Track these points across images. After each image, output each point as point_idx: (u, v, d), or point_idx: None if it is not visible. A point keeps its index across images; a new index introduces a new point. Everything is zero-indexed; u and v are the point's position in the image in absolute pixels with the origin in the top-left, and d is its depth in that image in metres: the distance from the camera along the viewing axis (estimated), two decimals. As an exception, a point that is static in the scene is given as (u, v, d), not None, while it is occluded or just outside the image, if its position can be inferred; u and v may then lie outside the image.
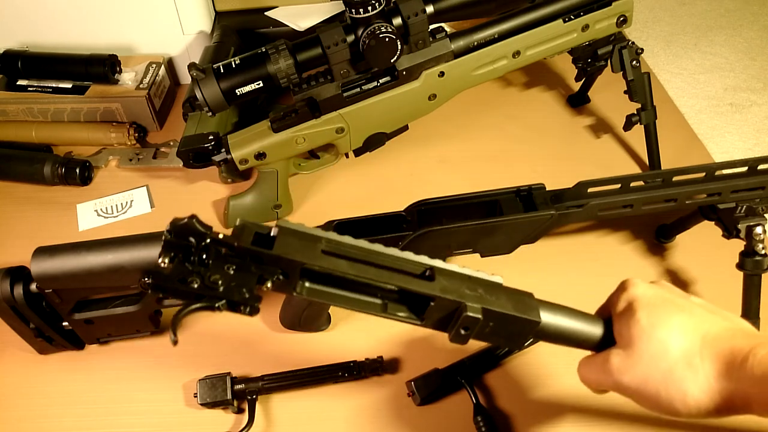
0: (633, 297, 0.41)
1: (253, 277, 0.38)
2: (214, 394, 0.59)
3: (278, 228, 0.38)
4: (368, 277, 0.38)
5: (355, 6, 0.63)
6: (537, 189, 0.61)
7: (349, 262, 0.38)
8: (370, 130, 0.74)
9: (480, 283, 0.41)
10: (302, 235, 0.38)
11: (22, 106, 0.90)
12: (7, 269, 0.58)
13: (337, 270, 0.38)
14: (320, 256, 0.38)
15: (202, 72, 0.65)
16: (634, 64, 0.76)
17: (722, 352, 0.36)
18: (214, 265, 0.37)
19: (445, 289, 0.39)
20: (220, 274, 0.37)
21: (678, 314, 0.39)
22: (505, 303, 0.41)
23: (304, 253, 0.37)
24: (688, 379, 0.37)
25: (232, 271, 0.38)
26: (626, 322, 0.40)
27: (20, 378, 0.64)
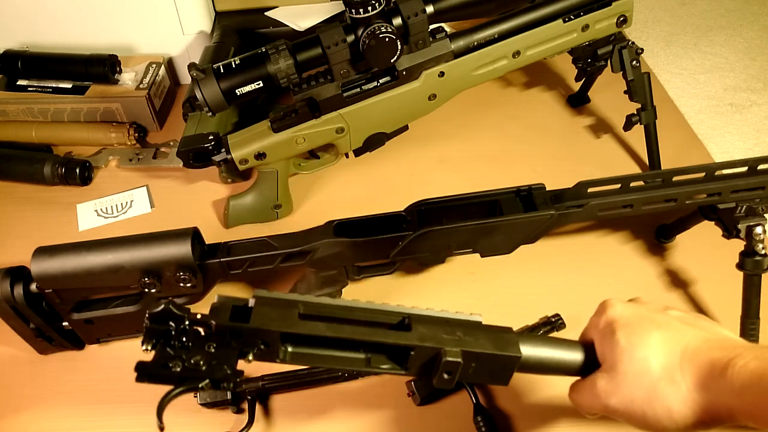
0: (611, 318, 0.42)
1: (234, 351, 0.38)
2: (214, 394, 0.59)
3: (255, 299, 0.39)
4: (346, 335, 0.39)
5: (355, 6, 0.63)
6: (537, 189, 0.61)
7: (327, 324, 0.39)
8: (370, 130, 0.74)
9: (458, 324, 0.42)
10: (279, 303, 0.39)
11: (22, 106, 0.90)
12: (7, 269, 0.58)
13: (315, 332, 0.38)
14: (297, 322, 0.38)
15: (202, 72, 0.65)
16: (634, 64, 0.76)
17: (702, 365, 0.37)
18: (195, 346, 0.38)
19: (423, 337, 0.40)
20: (201, 355, 0.38)
21: (656, 331, 0.39)
22: (484, 342, 0.41)
23: (282, 321, 0.38)
24: (671, 395, 0.37)
25: (213, 349, 0.38)
26: (608, 344, 0.41)
27: (20, 378, 0.64)
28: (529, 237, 0.60)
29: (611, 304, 0.43)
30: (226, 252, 0.60)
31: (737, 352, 0.36)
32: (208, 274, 0.60)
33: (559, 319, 0.65)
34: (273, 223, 0.79)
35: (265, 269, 0.60)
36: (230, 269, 0.60)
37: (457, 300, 0.69)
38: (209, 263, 0.59)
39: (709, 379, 0.36)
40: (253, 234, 0.63)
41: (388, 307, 0.41)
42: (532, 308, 0.67)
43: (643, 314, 0.41)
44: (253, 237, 0.61)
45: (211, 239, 0.62)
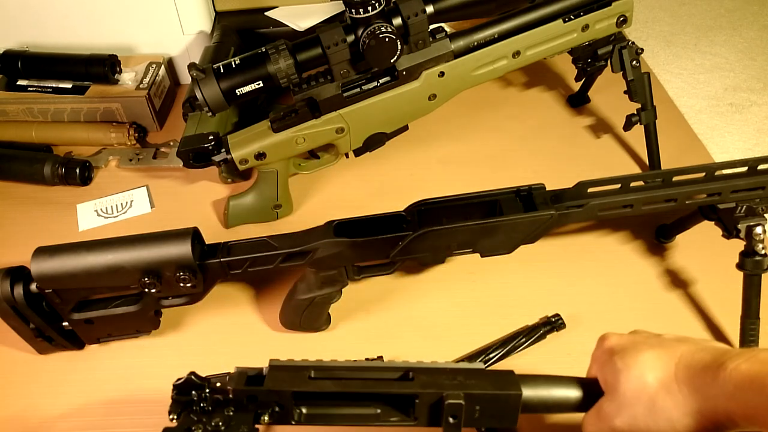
0: (608, 347, 0.44)
1: (251, 414, 0.42)
2: (214, 394, 0.59)
3: (269, 366, 0.43)
4: (353, 389, 0.42)
5: (355, 6, 0.63)
6: (537, 189, 0.61)
7: (335, 381, 0.42)
8: (370, 130, 0.74)
9: (459, 372, 0.43)
10: (291, 368, 0.42)
11: (22, 106, 0.90)
12: (7, 269, 0.58)
13: (324, 389, 0.42)
14: (308, 381, 0.42)
15: (202, 72, 0.65)
16: (634, 64, 0.76)
17: (695, 373, 0.38)
18: (215, 411, 0.43)
19: (425, 384, 0.42)
20: (220, 417, 0.42)
21: (649, 350, 0.41)
22: (485, 384, 0.43)
23: (293, 382, 0.42)
24: (670, 406, 0.38)
25: (231, 412, 0.42)
26: (608, 370, 0.42)
27: (20, 378, 0.64)
28: (529, 237, 0.60)
29: (608, 337, 0.45)
30: (226, 252, 0.60)
31: (728, 356, 0.37)
32: (208, 274, 0.60)
33: (559, 319, 0.65)
34: (273, 223, 0.79)
35: (265, 269, 0.60)
36: (230, 269, 0.60)
37: (457, 300, 0.69)
38: (209, 263, 0.59)
39: (704, 385, 0.37)
40: (253, 234, 0.63)
41: (392, 364, 0.44)
42: (532, 308, 0.67)
43: (637, 339, 0.43)
44: (253, 237, 0.61)
45: (211, 239, 0.62)
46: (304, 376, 0.42)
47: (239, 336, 0.67)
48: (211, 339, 0.67)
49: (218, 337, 0.67)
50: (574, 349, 0.64)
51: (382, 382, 0.43)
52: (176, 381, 0.43)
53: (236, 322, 0.69)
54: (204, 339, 0.67)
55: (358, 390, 0.42)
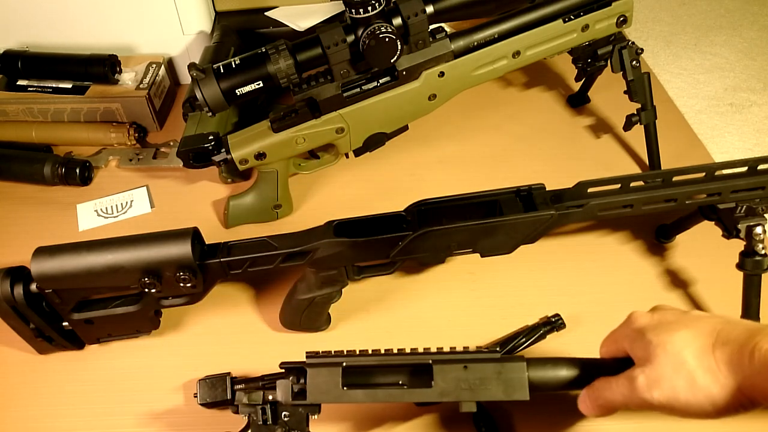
0: (639, 326, 0.45)
1: (303, 415, 0.52)
2: (214, 394, 0.59)
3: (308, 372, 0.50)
4: (380, 400, 0.49)
5: (355, 6, 0.63)
6: (537, 189, 0.61)
7: (364, 391, 0.49)
8: (370, 130, 0.74)
9: (475, 371, 0.48)
10: (326, 373, 0.50)
11: (22, 106, 0.90)
12: (7, 269, 0.58)
13: (355, 401, 0.49)
14: (342, 393, 0.49)
15: (202, 72, 0.65)
16: (634, 64, 0.76)
17: (732, 352, 0.39)
18: (274, 419, 0.53)
19: (443, 393, 0.48)
20: (281, 426, 0.53)
21: (683, 328, 0.42)
22: (495, 391, 0.48)
23: (329, 394, 0.49)
24: (710, 383, 0.39)
25: (286, 417, 0.53)
26: (640, 346, 0.44)
27: (20, 378, 0.64)
28: (529, 237, 0.60)
29: (636, 316, 0.46)
30: (226, 252, 0.60)
31: (763, 334, 0.38)
32: (208, 274, 0.60)
33: (559, 319, 0.65)
34: (273, 223, 0.79)
35: (265, 269, 0.60)
36: (230, 269, 0.60)
37: (457, 300, 0.69)
38: (209, 263, 0.59)
39: (741, 364, 0.38)
40: (253, 234, 0.63)
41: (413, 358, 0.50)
42: (532, 308, 0.67)
43: (668, 318, 0.44)
44: (253, 237, 0.61)
45: (211, 239, 0.62)
46: (338, 383, 0.49)
47: (239, 336, 0.67)
48: (211, 339, 0.67)
49: (218, 337, 0.67)
50: (574, 349, 0.64)
51: (405, 391, 0.49)
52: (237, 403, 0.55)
53: (236, 322, 0.69)
54: (204, 339, 0.67)
55: (385, 400, 0.50)
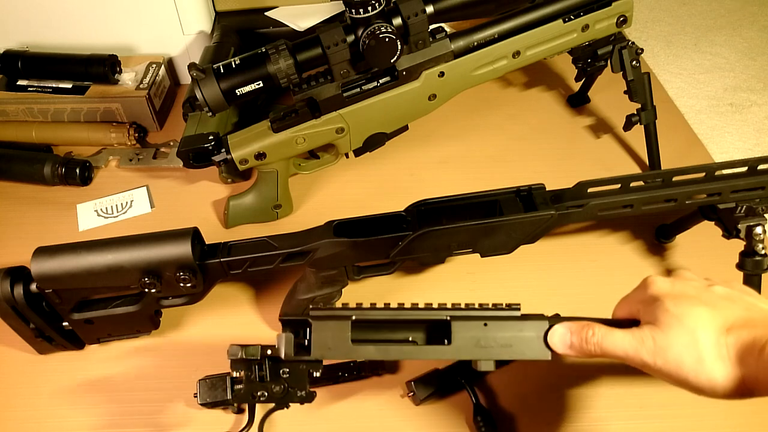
0: (657, 294, 0.43)
1: (304, 372, 0.50)
2: (214, 394, 0.59)
3: (312, 326, 0.45)
4: (392, 357, 0.48)
5: (355, 6, 0.63)
6: (537, 189, 0.61)
7: (376, 346, 0.45)
8: (370, 130, 0.74)
9: (495, 329, 0.45)
10: (334, 327, 0.45)
11: (22, 106, 0.90)
12: (7, 269, 0.58)
13: (366, 356, 0.46)
14: (351, 348, 0.45)
15: (202, 72, 0.65)
16: (634, 64, 0.76)
17: (744, 343, 0.39)
18: (272, 376, 0.50)
19: (461, 351, 0.45)
20: (279, 383, 0.50)
21: (703, 307, 0.41)
22: (516, 350, 0.45)
23: (337, 349, 0.45)
24: (717, 369, 0.39)
25: (286, 374, 0.50)
26: (655, 310, 0.42)
27: (20, 378, 0.64)
28: (529, 237, 0.60)
29: (654, 281, 0.45)
30: (226, 252, 0.60)
31: None
32: (208, 274, 0.60)
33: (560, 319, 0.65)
34: (273, 223, 0.79)
35: (265, 269, 0.60)
36: (230, 269, 0.60)
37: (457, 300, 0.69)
38: (209, 263, 0.59)
39: (750, 358, 0.38)
40: (253, 234, 0.63)
41: (429, 313, 0.46)
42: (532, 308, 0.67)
43: (689, 292, 0.43)
44: (253, 237, 0.61)
45: (211, 239, 0.62)
46: (347, 339, 0.44)
47: (239, 336, 0.67)
48: (211, 339, 0.67)
49: (218, 337, 0.67)
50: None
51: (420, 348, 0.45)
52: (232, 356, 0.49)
53: (236, 322, 0.69)
54: (204, 339, 0.67)
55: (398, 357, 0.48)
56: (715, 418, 0.59)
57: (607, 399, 0.60)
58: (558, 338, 0.45)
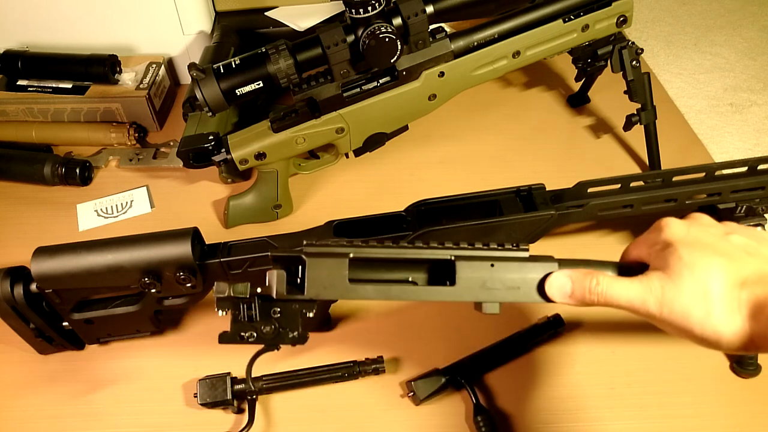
0: (671, 239, 0.41)
1: (297, 312, 0.46)
2: (214, 394, 0.59)
3: (307, 264, 0.42)
4: (393, 297, 0.43)
5: (355, 6, 0.63)
6: (537, 189, 0.61)
7: (374, 286, 0.42)
8: (370, 130, 0.74)
9: (502, 270, 0.43)
10: (330, 264, 0.42)
11: (22, 106, 0.90)
12: (7, 269, 0.58)
13: (364, 297, 0.42)
14: (348, 288, 0.42)
15: (202, 72, 0.65)
16: (634, 64, 0.76)
17: (758, 299, 0.37)
18: (262, 315, 0.45)
19: (465, 293, 0.42)
20: (269, 323, 0.46)
21: (719, 257, 0.39)
22: (524, 292, 0.43)
23: (333, 288, 0.42)
24: (725, 324, 0.37)
25: (278, 314, 0.45)
26: (667, 257, 0.40)
27: (20, 378, 0.64)
28: (529, 237, 0.60)
29: (669, 224, 0.42)
30: (226, 252, 0.60)
31: None
32: (208, 274, 0.60)
33: (560, 319, 0.65)
34: (273, 223, 0.79)
35: (265, 269, 0.60)
36: (230, 269, 0.60)
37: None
38: (209, 263, 0.59)
39: (761, 313, 0.37)
40: (253, 234, 0.63)
41: (432, 252, 0.43)
42: (532, 308, 0.67)
43: (705, 240, 0.40)
44: (253, 237, 0.61)
45: (211, 239, 0.62)
46: (344, 278, 0.41)
47: (239, 336, 0.67)
48: (211, 339, 0.67)
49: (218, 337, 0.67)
50: (574, 349, 0.64)
51: (422, 289, 0.43)
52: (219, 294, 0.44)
53: (236, 322, 0.69)
54: (204, 339, 0.67)
55: (398, 297, 0.43)
56: (715, 418, 0.59)
57: (607, 399, 0.60)
58: (557, 288, 0.43)
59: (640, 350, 0.64)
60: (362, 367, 0.61)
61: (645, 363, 0.63)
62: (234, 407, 0.60)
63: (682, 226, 0.42)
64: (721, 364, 0.62)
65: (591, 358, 0.63)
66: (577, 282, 0.42)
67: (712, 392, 0.60)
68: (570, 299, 0.43)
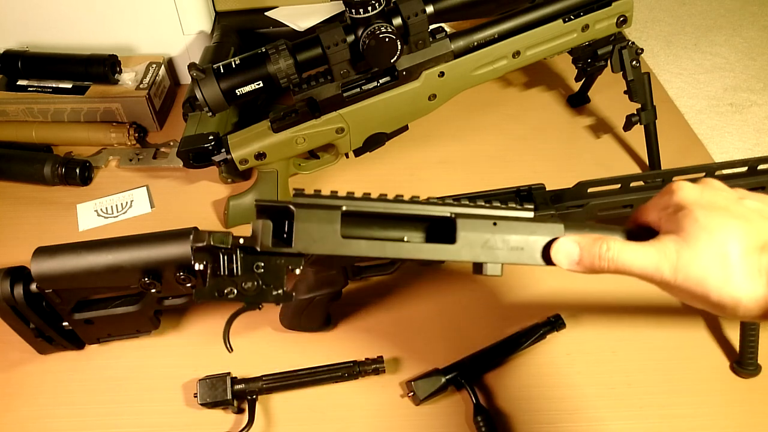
0: (684, 201, 0.39)
1: (282, 268, 0.41)
2: (214, 394, 0.59)
3: (295, 214, 0.38)
4: (388, 255, 0.39)
5: (355, 6, 0.63)
6: (537, 189, 0.61)
7: (368, 242, 0.39)
8: (370, 130, 0.74)
9: (505, 229, 0.40)
10: (320, 216, 0.38)
11: (22, 106, 0.90)
12: (7, 269, 0.58)
13: (357, 253, 0.38)
14: (340, 243, 0.38)
15: (202, 72, 0.65)
16: (634, 64, 0.76)
17: None
18: (244, 270, 0.41)
19: (466, 252, 0.40)
20: (251, 279, 0.41)
21: (736, 220, 0.37)
22: (528, 253, 0.41)
23: (323, 243, 0.38)
24: (744, 289, 0.36)
25: (261, 269, 0.41)
26: (681, 220, 0.38)
27: (20, 378, 0.64)
28: (529, 237, 0.60)
29: (682, 187, 0.40)
30: (226, 252, 0.59)
31: None
32: (208, 274, 0.60)
33: (559, 319, 0.65)
34: (273, 223, 0.79)
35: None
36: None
37: (457, 300, 0.69)
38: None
39: None
40: (253, 234, 0.63)
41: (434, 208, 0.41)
42: (533, 308, 0.67)
43: (720, 203, 0.38)
44: (253, 237, 0.61)
45: (211, 239, 0.62)
46: (336, 233, 0.38)
47: (239, 336, 0.67)
48: (211, 339, 0.67)
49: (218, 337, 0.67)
50: (574, 349, 0.64)
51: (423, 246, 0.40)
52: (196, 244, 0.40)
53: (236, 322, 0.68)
54: (204, 339, 0.67)
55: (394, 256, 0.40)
56: (714, 419, 0.59)
57: (607, 399, 0.60)
58: (564, 254, 0.41)
59: (640, 350, 0.64)
60: (362, 367, 0.61)
61: (645, 363, 0.63)
62: (234, 407, 0.60)
63: (696, 189, 0.40)
64: (721, 364, 0.62)
65: (591, 358, 0.63)
66: (586, 247, 0.40)
67: (712, 392, 0.60)
68: (577, 266, 0.40)
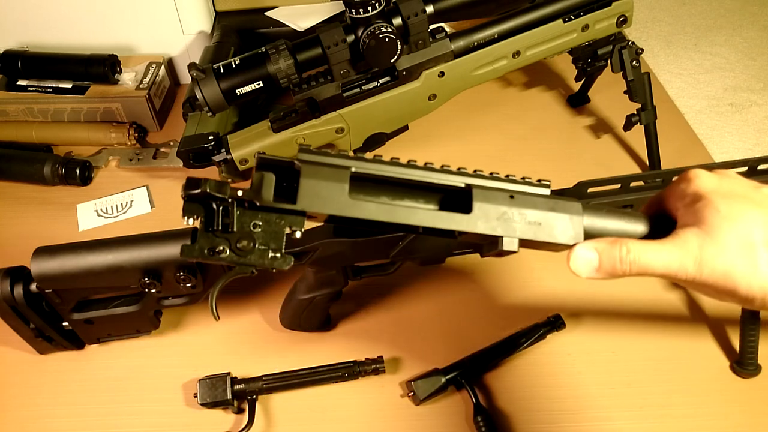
0: (702, 190, 0.38)
1: (281, 229, 0.37)
2: (214, 394, 0.59)
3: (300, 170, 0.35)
4: (400, 220, 0.37)
5: (355, 6, 0.63)
6: (537, 189, 0.61)
7: (378, 206, 0.36)
8: (370, 130, 0.74)
9: (523, 203, 0.39)
10: (327, 174, 0.36)
11: (22, 106, 0.90)
12: (7, 269, 0.58)
13: (366, 216, 0.36)
14: (347, 202, 0.36)
15: (202, 72, 0.65)
16: (634, 64, 0.76)
17: None
18: (240, 227, 0.37)
19: (481, 223, 0.38)
20: (247, 238, 0.36)
21: (757, 208, 0.36)
22: (544, 230, 0.39)
23: (330, 202, 0.35)
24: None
25: (258, 228, 0.37)
26: (698, 211, 0.37)
27: (20, 378, 0.64)
28: (529, 237, 0.60)
29: (699, 174, 0.39)
30: (226, 252, 0.59)
31: None
32: (208, 274, 0.60)
33: (559, 319, 0.65)
34: (273, 223, 0.79)
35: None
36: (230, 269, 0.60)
37: (457, 300, 0.69)
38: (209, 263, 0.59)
39: None
40: (253, 234, 0.63)
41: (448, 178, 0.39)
42: (532, 308, 0.67)
43: (739, 191, 0.37)
44: (253, 237, 0.61)
45: (211, 239, 0.62)
46: (344, 192, 0.36)
47: (239, 336, 0.67)
48: (211, 339, 0.67)
49: (218, 337, 0.67)
50: (574, 349, 0.64)
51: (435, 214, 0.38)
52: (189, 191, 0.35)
53: (236, 322, 0.69)
54: (204, 339, 0.67)
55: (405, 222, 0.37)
56: (714, 419, 0.59)
57: (607, 399, 0.60)
58: (582, 262, 0.39)
59: (640, 350, 0.64)
60: (362, 367, 0.61)
61: (645, 363, 0.63)
62: (234, 407, 0.60)
63: (714, 177, 0.38)
64: (721, 364, 0.62)
65: (591, 358, 0.63)
66: (605, 253, 0.38)
67: (712, 392, 0.60)
68: (597, 273, 0.39)
